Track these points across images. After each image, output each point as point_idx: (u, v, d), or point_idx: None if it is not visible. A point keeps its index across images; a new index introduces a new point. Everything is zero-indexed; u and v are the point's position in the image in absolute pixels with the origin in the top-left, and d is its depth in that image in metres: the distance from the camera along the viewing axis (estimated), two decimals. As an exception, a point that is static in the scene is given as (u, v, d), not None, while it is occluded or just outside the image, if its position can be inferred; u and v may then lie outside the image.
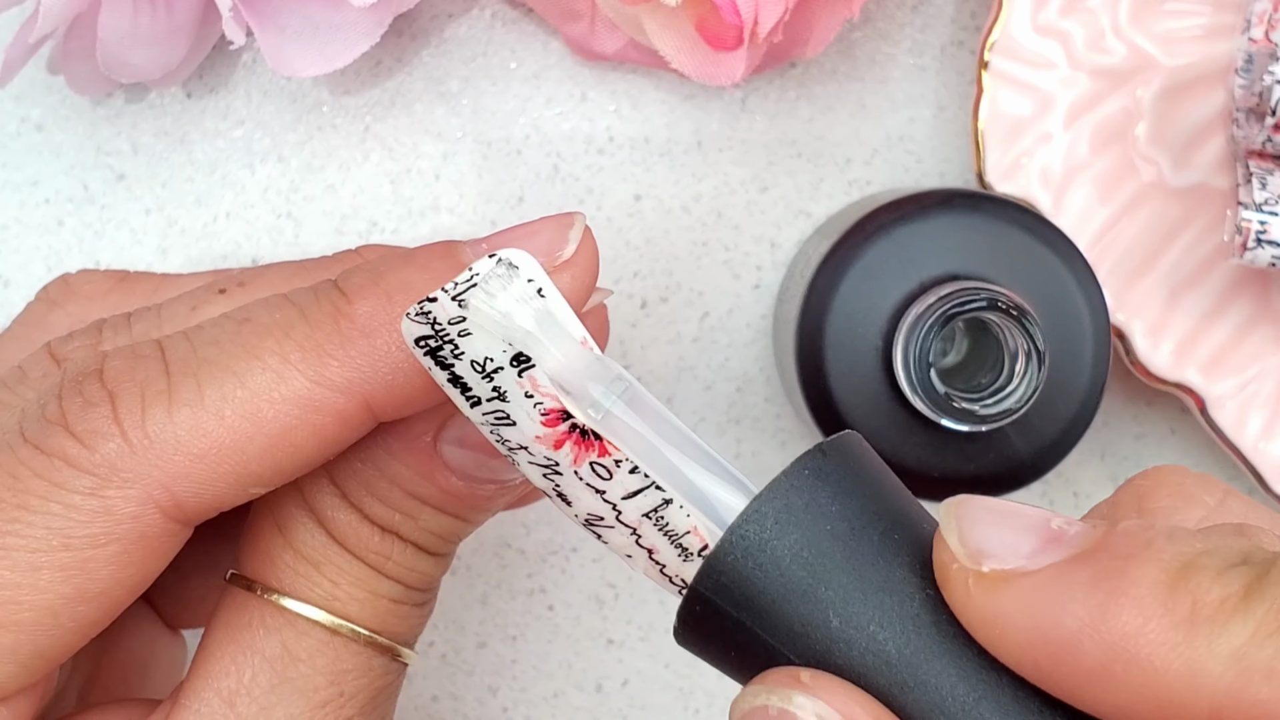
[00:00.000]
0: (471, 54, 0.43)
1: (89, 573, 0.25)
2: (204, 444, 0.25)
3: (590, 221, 0.42)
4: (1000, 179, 0.40)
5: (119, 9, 0.36)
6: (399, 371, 0.25)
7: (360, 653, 0.27)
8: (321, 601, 0.27)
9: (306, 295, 0.26)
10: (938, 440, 0.36)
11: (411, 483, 0.27)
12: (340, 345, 0.25)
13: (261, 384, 0.25)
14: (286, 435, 0.25)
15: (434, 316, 0.23)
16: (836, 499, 0.23)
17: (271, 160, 0.43)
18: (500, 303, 0.23)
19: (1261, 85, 0.37)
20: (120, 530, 0.25)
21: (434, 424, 0.27)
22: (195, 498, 0.25)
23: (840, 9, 0.38)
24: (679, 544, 0.25)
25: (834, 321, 0.36)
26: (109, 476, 0.25)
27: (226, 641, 0.27)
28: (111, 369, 0.26)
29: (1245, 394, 0.40)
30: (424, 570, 0.28)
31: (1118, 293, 0.40)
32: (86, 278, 0.33)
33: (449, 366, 0.24)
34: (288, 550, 0.27)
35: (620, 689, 0.43)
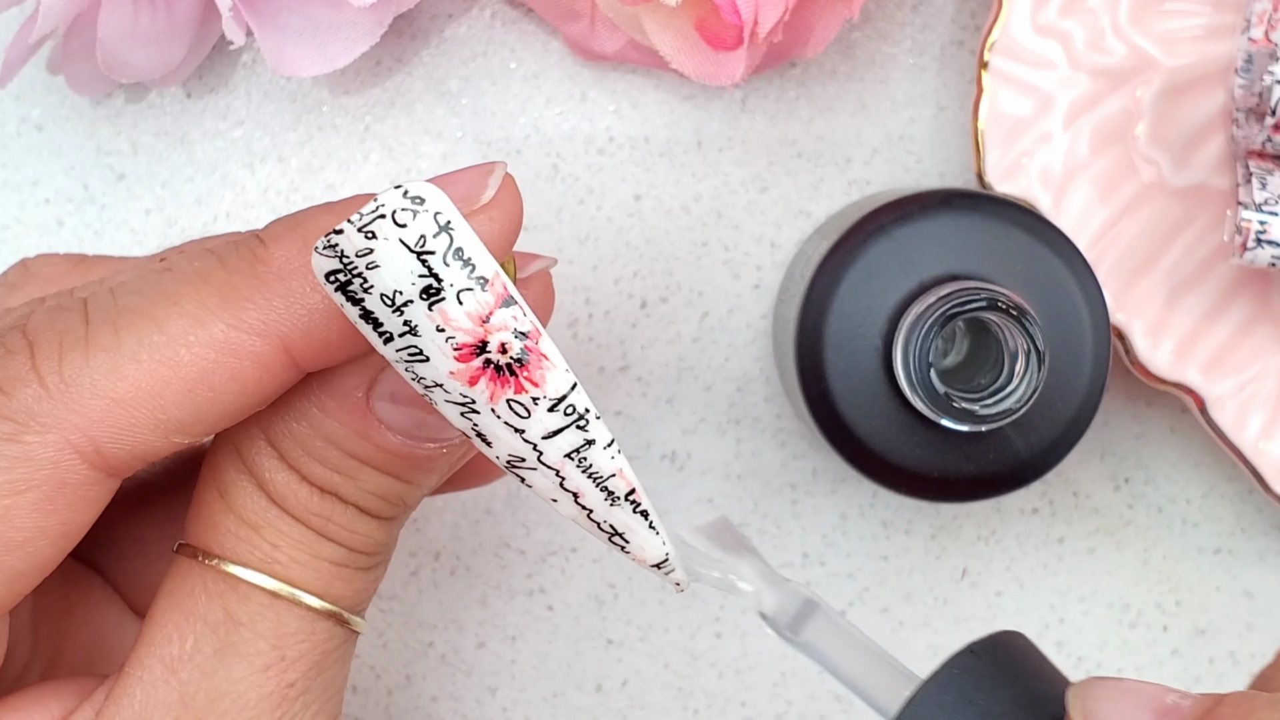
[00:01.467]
0: (471, 54, 0.43)
1: (10, 520, 0.25)
2: (121, 388, 0.25)
3: (590, 221, 0.43)
4: (1000, 179, 0.40)
5: (119, 9, 0.36)
6: (315, 313, 0.25)
7: (303, 616, 0.27)
8: (262, 565, 0.27)
9: (227, 245, 0.26)
10: (938, 440, 0.36)
11: (347, 441, 0.27)
12: (257, 289, 0.25)
13: (178, 329, 0.25)
14: (205, 379, 0.25)
15: (341, 249, 0.23)
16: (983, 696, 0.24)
17: (271, 160, 0.43)
18: (408, 234, 0.23)
19: (1261, 85, 0.37)
20: (40, 476, 0.25)
21: (365, 379, 0.27)
22: (115, 444, 0.25)
23: (840, 9, 0.38)
24: (605, 487, 0.25)
25: (834, 321, 0.36)
26: (26, 421, 0.25)
27: (170, 609, 0.27)
28: (34, 321, 0.26)
29: (1245, 394, 0.40)
30: (367, 533, 0.28)
31: (1118, 293, 0.40)
32: (45, 260, 0.33)
33: (359, 301, 0.24)
34: (229, 514, 0.27)
35: (620, 689, 0.43)
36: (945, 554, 0.43)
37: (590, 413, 0.24)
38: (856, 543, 0.43)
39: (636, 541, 0.26)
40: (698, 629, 0.43)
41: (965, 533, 0.43)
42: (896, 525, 0.43)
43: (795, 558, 0.43)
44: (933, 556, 0.43)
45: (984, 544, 0.43)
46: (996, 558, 0.43)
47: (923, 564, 0.43)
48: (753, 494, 0.43)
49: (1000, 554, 0.44)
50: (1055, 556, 0.44)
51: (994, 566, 0.43)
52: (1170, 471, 0.44)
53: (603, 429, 0.24)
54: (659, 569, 0.27)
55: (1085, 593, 0.44)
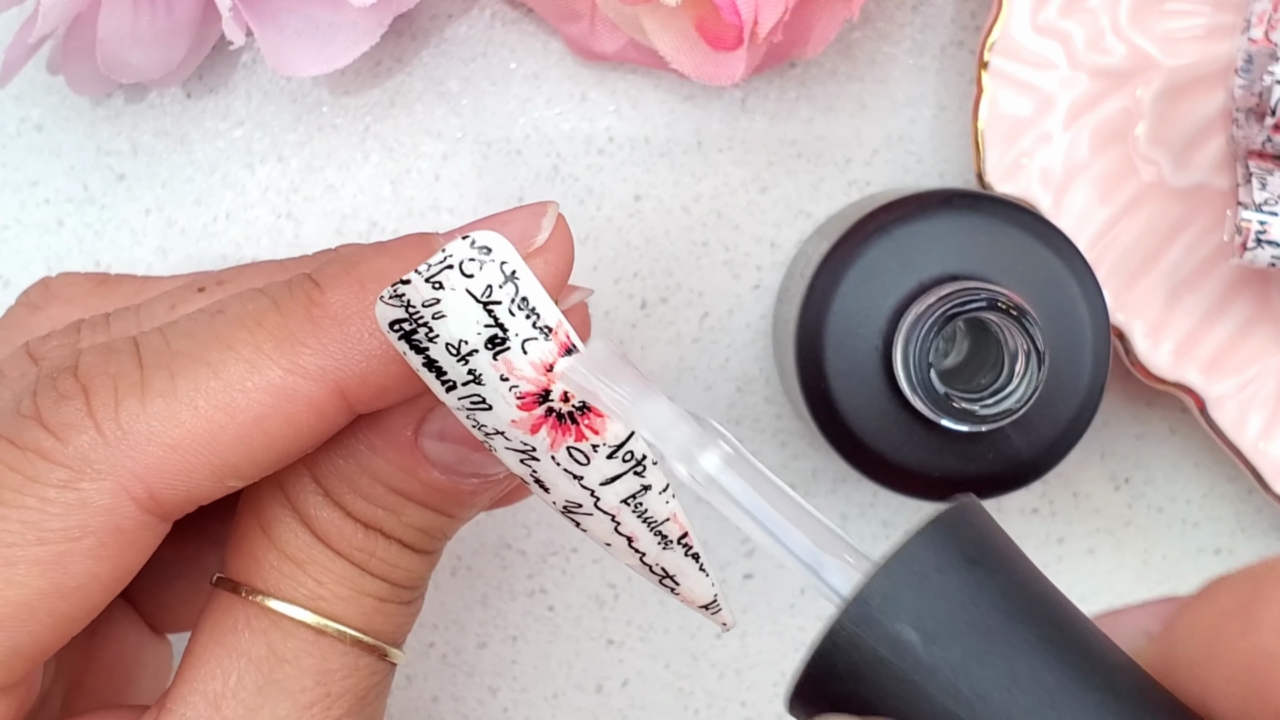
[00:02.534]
0: (471, 54, 0.43)
1: (65, 567, 0.25)
2: (178, 434, 0.25)
3: (590, 221, 0.43)
4: (1000, 179, 0.40)
5: (119, 9, 0.36)
6: (373, 359, 0.25)
7: (347, 652, 0.27)
8: (306, 601, 0.27)
9: (280, 287, 0.26)
10: (938, 440, 0.36)
11: (393, 478, 0.27)
12: (313, 333, 0.25)
13: (235, 374, 0.25)
14: (260, 424, 0.25)
15: (408, 299, 0.23)
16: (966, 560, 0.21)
17: (271, 160, 0.43)
18: (475, 284, 0.23)
19: (1261, 85, 0.37)
20: (95, 523, 0.25)
21: (414, 418, 0.27)
22: (170, 489, 0.25)
23: (840, 9, 0.38)
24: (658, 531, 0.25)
25: (834, 321, 0.36)
26: (83, 469, 0.24)
27: (212, 644, 0.27)
28: (85, 364, 0.25)
29: (1245, 394, 0.40)
30: (409, 567, 0.28)
31: (1118, 293, 0.40)
32: (67, 280, 0.33)
33: (423, 350, 0.24)
34: (272, 550, 0.27)
35: (620, 689, 0.43)
36: (945, 554, 0.43)
37: (647, 458, 0.24)
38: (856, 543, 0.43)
39: (687, 584, 0.26)
40: (698, 629, 0.43)
41: (965, 533, 0.43)
42: (896, 525, 0.43)
43: (795, 558, 0.43)
44: (933, 556, 0.43)
45: (984, 544, 0.43)
46: (996, 558, 0.43)
47: (923, 564, 0.43)
48: (753, 494, 0.43)
49: (1000, 554, 0.43)
50: (1055, 556, 0.44)
51: (994, 566, 0.43)
52: (1170, 471, 0.44)
53: (659, 474, 0.24)
54: (706, 610, 0.27)
55: (1085, 593, 0.44)
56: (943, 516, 0.21)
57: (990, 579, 0.21)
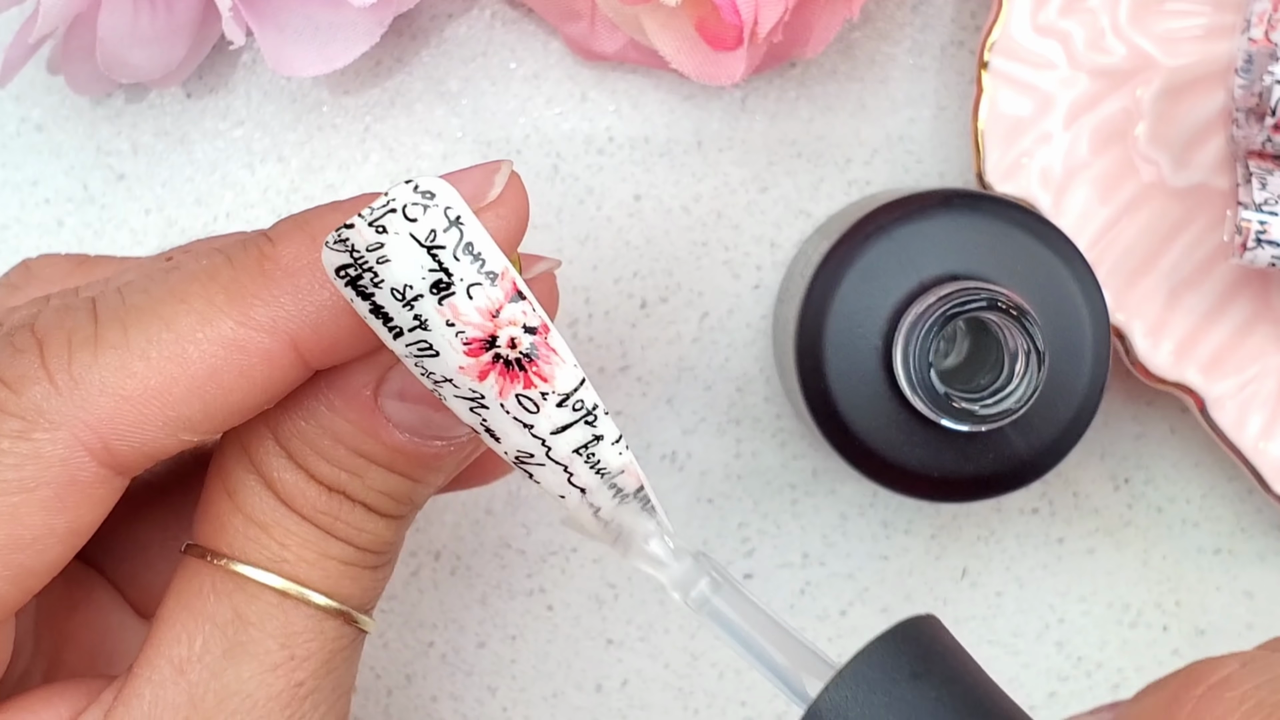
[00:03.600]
0: (471, 54, 0.43)
1: (20, 519, 0.25)
2: (130, 385, 0.25)
3: (590, 221, 0.43)
4: (1000, 179, 0.40)
5: (119, 9, 0.36)
6: (324, 309, 0.25)
7: (311, 615, 0.27)
8: (270, 564, 0.27)
9: (234, 243, 0.26)
10: (938, 440, 0.36)
11: (355, 439, 0.27)
12: (264, 285, 0.25)
13: (186, 326, 0.25)
14: (214, 376, 0.25)
15: (352, 243, 0.23)
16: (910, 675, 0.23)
17: (271, 160, 0.43)
18: (419, 228, 0.23)
19: (1261, 85, 0.37)
20: (50, 474, 0.25)
21: (372, 377, 0.27)
22: (125, 442, 0.25)
23: (840, 9, 0.38)
24: (613, 484, 0.25)
25: (834, 321, 0.36)
26: (36, 419, 0.25)
27: (179, 609, 0.27)
28: (42, 320, 0.26)
29: (1245, 394, 0.40)
30: (375, 531, 0.28)
31: (1118, 293, 0.40)
32: (47, 261, 0.33)
33: (369, 296, 0.24)
34: (236, 514, 0.27)
35: (620, 689, 0.43)
36: (945, 554, 0.43)
37: (599, 408, 0.24)
38: (856, 543, 0.43)
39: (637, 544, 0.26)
40: (698, 629, 0.43)
41: (965, 533, 0.43)
42: (896, 525, 0.43)
43: (795, 558, 0.43)
44: (933, 556, 0.43)
45: (984, 544, 0.43)
46: (996, 558, 0.43)
47: (923, 564, 0.43)
48: (753, 494, 0.43)
49: (1000, 554, 0.44)
50: (1055, 556, 0.44)
51: (994, 566, 0.43)
52: (1170, 471, 0.44)
53: (610, 424, 0.24)
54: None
55: (1085, 593, 0.44)
56: (893, 631, 0.23)
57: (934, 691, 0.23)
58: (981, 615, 0.44)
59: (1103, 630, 0.44)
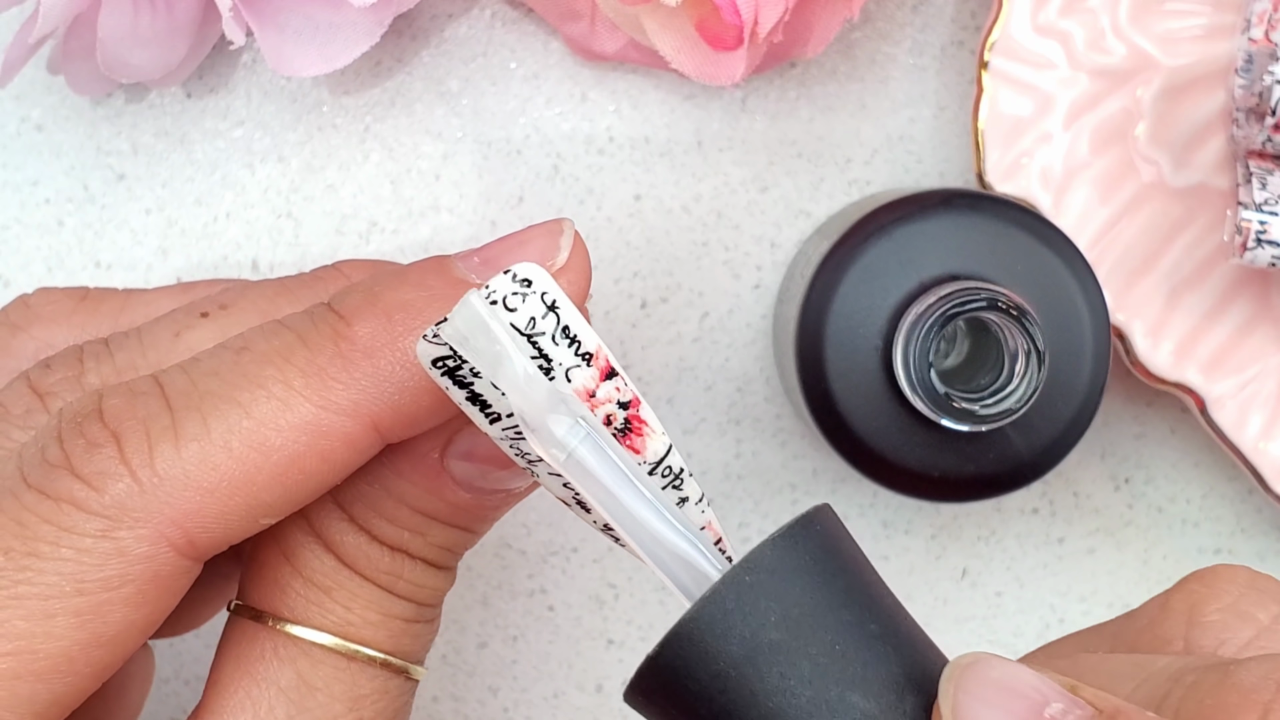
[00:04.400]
0: (471, 54, 0.43)
1: (103, 616, 0.24)
2: (214, 478, 0.24)
3: (590, 221, 0.43)
4: (1000, 179, 0.40)
5: (119, 9, 0.36)
6: (405, 391, 0.25)
7: (377, 676, 0.27)
8: (335, 628, 0.26)
9: (303, 320, 0.26)
10: (938, 440, 0.36)
11: (420, 500, 0.27)
12: (343, 369, 0.25)
13: (267, 412, 0.25)
14: (296, 463, 0.25)
15: None
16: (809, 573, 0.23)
17: (271, 160, 0.43)
18: (519, 317, 0.23)
19: (1261, 85, 0.37)
20: (135, 571, 0.24)
21: (439, 440, 0.27)
22: (207, 532, 0.25)
23: (840, 9, 0.38)
24: None
25: (834, 321, 0.36)
26: (120, 517, 0.24)
27: (239, 675, 0.26)
28: (111, 407, 0.25)
29: (1245, 394, 0.40)
30: (433, 586, 0.28)
31: (1118, 293, 0.40)
32: (47, 297, 0.33)
33: (467, 385, 0.24)
34: (296, 578, 0.27)
35: (621, 689, 0.43)
36: (945, 554, 0.43)
37: (684, 472, 0.24)
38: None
39: None
40: (698, 629, 0.43)
41: (965, 533, 0.43)
42: (896, 525, 0.43)
43: (795, 558, 0.43)
44: (933, 556, 0.43)
45: (984, 544, 0.43)
46: (996, 558, 0.43)
47: (923, 564, 0.43)
48: (753, 494, 0.43)
49: (1000, 554, 0.44)
50: (1055, 556, 0.44)
51: (994, 566, 0.43)
52: (1170, 471, 0.44)
53: (694, 485, 0.24)
54: None
55: (1085, 593, 0.44)
56: (790, 526, 0.23)
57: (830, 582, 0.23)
58: (981, 615, 0.44)
59: (1103, 630, 0.44)
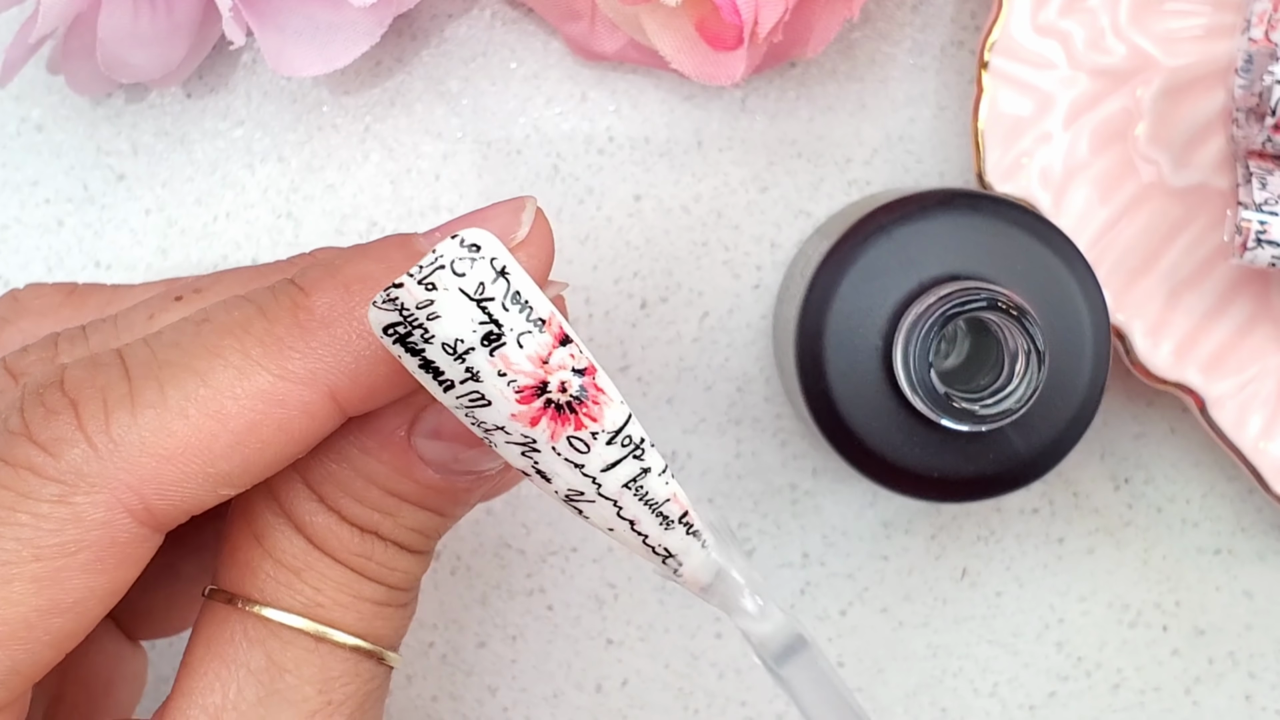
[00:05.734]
0: (471, 54, 0.43)
1: (61, 583, 0.24)
2: (170, 444, 0.25)
3: (590, 221, 0.43)
4: (1000, 179, 0.40)
5: (119, 9, 0.36)
6: (362, 360, 0.25)
7: (347, 659, 0.27)
8: (304, 609, 0.26)
9: (264, 293, 0.26)
10: (938, 440, 0.36)
11: (389, 480, 0.27)
12: (300, 337, 0.25)
13: (224, 381, 0.25)
14: (253, 431, 0.25)
15: (401, 302, 0.23)
16: None
17: (271, 160, 0.43)
18: (467, 282, 0.23)
19: (1261, 85, 0.37)
20: (91, 537, 0.24)
21: (406, 418, 0.27)
22: (165, 500, 0.25)
23: (840, 9, 0.38)
24: (659, 512, 0.25)
25: (834, 321, 0.36)
26: (76, 483, 0.24)
27: (209, 657, 0.26)
28: (72, 377, 0.25)
29: (1245, 394, 0.40)
30: (405, 569, 0.28)
31: (1118, 293, 0.40)
32: (36, 292, 0.33)
33: (419, 352, 0.24)
34: (266, 559, 0.27)
35: (620, 689, 0.43)
36: (945, 554, 0.43)
37: (645, 441, 0.24)
38: (856, 543, 0.43)
39: (690, 564, 0.26)
40: (698, 629, 0.43)
41: (965, 533, 0.43)
42: (896, 525, 0.43)
43: (795, 558, 0.43)
44: (933, 556, 0.43)
45: (984, 544, 0.43)
46: (996, 558, 0.43)
47: (923, 564, 0.43)
48: (753, 494, 0.43)
49: (1000, 554, 0.44)
50: (1055, 556, 0.44)
51: (994, 566, 0.43)
52: (1170, 471, 0.44)
53: (657, 456, 0.25)
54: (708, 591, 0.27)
55: (1085, 592, 0.44)
56: None
57: None
58: (981, 615, 0.44)
59: (1102, 630, 0.44)
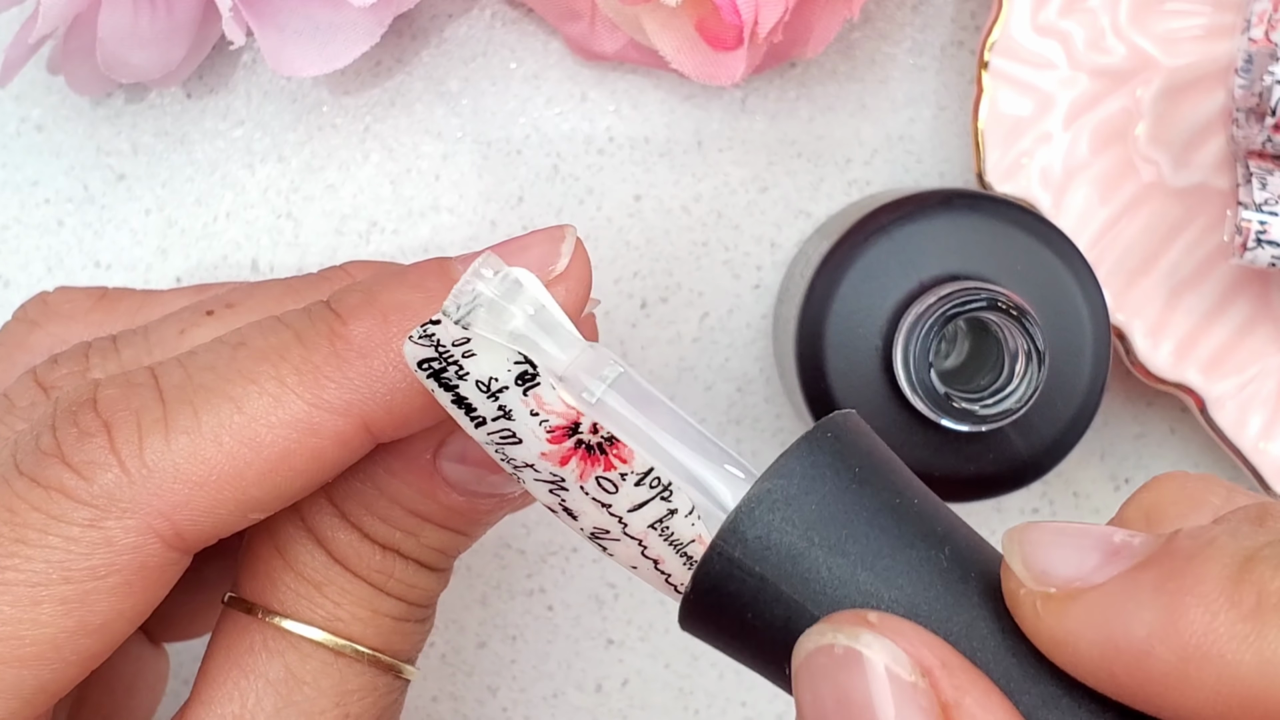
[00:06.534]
0: (471, 54, 0.43)
1: (90, 605, 0.24)
2: (203, 471, 0.25)
3: (590, 221, 0.43)
4: (1000, 179, 0.40)
5: (119, 9, 0.36)
6: (397, 392, 0.25)
7: (364, 673, 0.27)
8: (324, 623, 0.27)
9: (300, 317, 0.26)
10: (938, 440, 0.36)
11: (412, 500, 0.27)
12: (337, 367, 0.25)
13: (259, 408, 0.25)
14: (286, 460, 0.25)
15: (438, 339, 0.23)
16: (855, 460, 0.23)
17: (271, 160, 0.43)
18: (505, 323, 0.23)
19: (1261, 85, 0.37)
20: (121, 561, 0.24)
21: (433, 442, 0.27)
22: (195, 525, 0.25)
23: (840, 9, 0.38)
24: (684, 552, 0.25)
25: (834, 321, 0.36)
26: (108, 507, 0.24)
27: (229, 666, 0.26)
28: (105, 398, 0.25)
29: (1245, 394, 0.40)
30: (425, 586, 0.28)
31: (1118, 293, 0.40)
32: (66, 296, 0.33)
33: (453, 388, 0.24)
34: (288, 572, 0.27)
35: (620, 689, 0.43)
36: (945, 554, 0.43)
37: (672, 485, 0.24)
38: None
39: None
40: (698, 629, 0.43)
41: (965, 533, 0.43)
42: (896, 525, 0.43)
43: (795, 558, 0.43)
44: (933, 556, 0.43)
45: (984, 544, 0.43)
46: (996, 558, 0.43)
47: (923, 564, 0.43)
48: (753, 494, 0.43)
49: (1000, 554, 0.43)
50: (1055, 556, 0.43)
51: (994, 566, 0.43)
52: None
53: (684, 497, 0.24)
54: None
55: (1085, 593, 0.44)
56: (814, 430, 0.23)
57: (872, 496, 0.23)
58: (981, 615, 0.43)
59: (1103, 630, 0.44)
